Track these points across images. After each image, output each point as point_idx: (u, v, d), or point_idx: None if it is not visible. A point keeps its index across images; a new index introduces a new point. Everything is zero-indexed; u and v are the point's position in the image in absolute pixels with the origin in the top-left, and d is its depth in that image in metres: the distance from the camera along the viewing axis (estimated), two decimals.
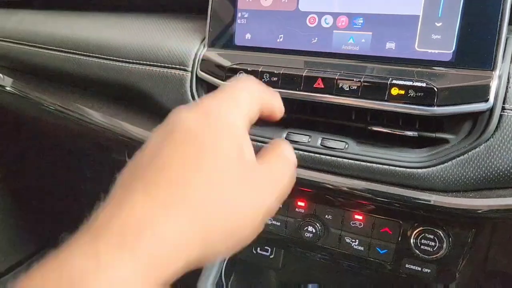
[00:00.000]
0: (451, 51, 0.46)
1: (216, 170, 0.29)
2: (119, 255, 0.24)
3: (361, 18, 0.50)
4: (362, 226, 0.53)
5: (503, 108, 0.44)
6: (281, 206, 0.57)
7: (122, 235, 0.25)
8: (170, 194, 0.27)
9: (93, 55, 0.70)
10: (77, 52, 0.72)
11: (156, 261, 0.25)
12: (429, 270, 0.50)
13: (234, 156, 0.31)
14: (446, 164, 0.47)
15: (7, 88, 0.85)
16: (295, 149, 0.53)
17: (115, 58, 0.67)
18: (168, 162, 0.29)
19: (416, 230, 0.50)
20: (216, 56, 0.59)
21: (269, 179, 0.33)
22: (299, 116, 0.55)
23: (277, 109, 0.38)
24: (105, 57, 0.69)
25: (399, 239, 0.51)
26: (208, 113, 0.32)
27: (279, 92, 0.52)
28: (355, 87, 0.49)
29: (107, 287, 0.23)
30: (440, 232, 0.48)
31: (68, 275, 0.23)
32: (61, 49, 0.74)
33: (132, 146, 0.68)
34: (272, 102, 0.37)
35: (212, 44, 0.60)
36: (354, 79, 0.49)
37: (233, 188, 0.30)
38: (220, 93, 0.34)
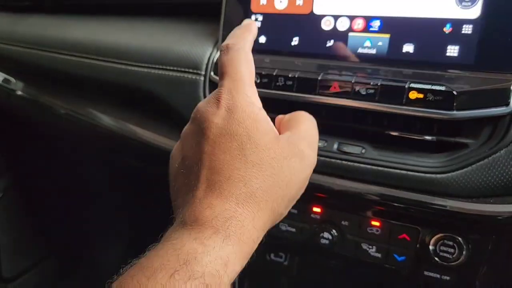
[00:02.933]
0: (472, 54, 0.45)
1: (260, 156, 0.36)
2: (217, 239, 0.32)
3: (379, 21, 0.50)
4: (379, 232, 0.52)
5: None
6: (296, 212, 0.57)
7: (214, 227, 0.33)
8: (235, 190, 0.35)
9: (105, 59, 0.70)
10: (89, 56, 0.72)
11: (241, 240, 0.33)
12: (448, 278, 0.49)
13: (270, 137, 0.37)
14: (465, 169, 0.46)
15: (18, 93, 0.85)
16: None
17: (127, 62, 0.67)
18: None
19: (435, 237, 0.49)
20: None
21: (304, 142, 0.40)
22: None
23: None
24: (118, 61, 0.68)
25: (418, 245, 0.50)
26: (230, 109, 0.37)
27: (294, 95, 0.52)
28: (372, 91, 0.48)
29: (213, 262, 0.31)
30: (460, 239, 0.47)
31: (183, 257, 0.30)
32: (73, 53, 0.74)
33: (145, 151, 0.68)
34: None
35: None
36: (371, 83, 0.48)
37: (281, 163, 0.37)
38: (226, 83, 0.39)
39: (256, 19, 0.57)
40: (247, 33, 0.44)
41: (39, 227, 1.16)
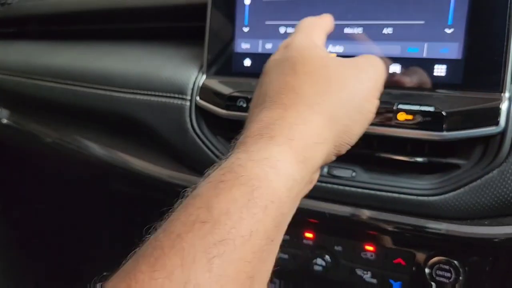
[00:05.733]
0: (459, 73, 0.45)
1: (311, 64, 0.37)
2: (260, 142, 0.32)
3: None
4: (373, 257, 0.51)
5: None
6: (288, 237, 0.55)
7: (259, 134, 0.33)
8: (283, 99, 0.35)
9: (90, 85, 0.69)
10: (73, 83, 0.71)
11: (291, 140, 0.32)
12: None
13: (324, 54, 0.39)
14: (458, 191, 0.45)
15: (4, 121, 0.84)
16: None
17: (112, 88, 0.66)
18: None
19: (431, 261, 0.47)
20: (215, 83, 0.57)
21: (367, 66, 0.39)
22: None
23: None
24: (102, 87, 0.67)
25: (413, 269, 0.49)
26: (287, 45, 0.40)
27: None
28: None
29: (257, 165, 0.30)
30: (456, 262, 0.46)
31: (227, 168, 0.30)
32: (57, 80, 0.73)
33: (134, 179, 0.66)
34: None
35: (210, 72, 0.58)
36: None
37: (349, 92, 0.37)
38: (307, 29, 0.42)
39: (241, 43, 0.56)
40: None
41: (31, 253, 1.14)
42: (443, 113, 0.44)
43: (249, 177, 0.29)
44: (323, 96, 0.36)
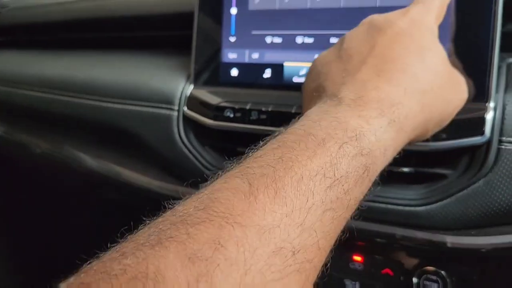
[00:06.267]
0: None
1: (438, 65, 0.36)
2: (382, 121, 0.31)
3: None
4: (361, 267, 0.50)
5: (500, 141, 0.42)
6: None
7: (380, 108, 0.31)
8: (405, 82, 0.33)
9: (79, 95, 0.69)
10: (62, 93, 0.71)
11: (402, 129, 0.32)
12: None
13: (442, 57, 0.37)
14: (445, 201, 0.45)
15: None
16: None
17: (100, 98, 0.66)
18: (395, 55, 0.34)
19: (418, 271, 0.47)
20: (203, 93, 0.57)
21: (459, 82, 0.39)
22: None
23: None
24: (91, 97, 0.67)
25: (401, 279, 0.49)
26: (414, 21, 0.36)
27: (269, 130, 0.51)
28: None
29: (377, 143, 0.30)
30: (443, 273, 0.46)
31: (351, 131, 0.29)
32: (46, 90, 0.73)
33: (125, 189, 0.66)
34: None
35: (198, 82, 0.58)
36: None
37: (446, 86, 0.37)
38: (419, 4, 0.38)
39: (228, 52, 0.56)
40: None
41: (21, 262, 1.13)
42: None
43: (370, 150, 0.30)
44: (438, 100, 0.36)
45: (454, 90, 0.39)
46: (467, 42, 0.44)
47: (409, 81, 0.34)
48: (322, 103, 0.33)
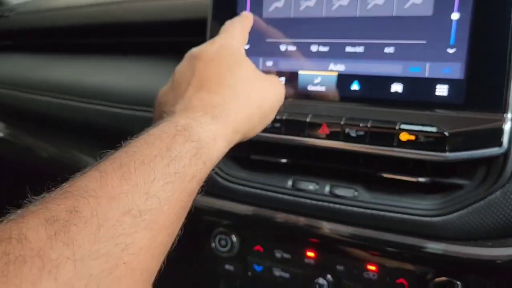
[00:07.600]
0: (461, 93, 0.45)
1: (243, 80, 0.44)
2: (206, 117, 0.39)
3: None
4: (375, 277, 0.50)
5: None
6: (289, 256, 0.55)
7: (204, 110, 0.39)
8: (223, 91, 0.42)
9: (88, 100, 0.68)
10: (70, 98, 0.70)
11: (227, 122, 0.40)
12: None
13: (250, 68, 0.45)
14: (461, 211, 0.45)
15: (0, 135, 0.83)
16: (301, 197, 0.51)
17: (110, 104, 0.66)
18: (211, 74, 0.43)
19: (433, 281, 0.47)
20: None
21: (271, 83, 0.48)
22: (305, 162, 0.53)
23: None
24: (100, 102, 0.67)
25: None
26: (222, 46, 0.46)
27: (283, 138, 0.51)
28: (363, 133, 0.47)
29: (204, 133, 0.37)
30: (459, 283, 0.46)
31: (181, 127, 0.36)
32: (54, 94, 0.73)
33: None
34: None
35: None
36: (361, 124, 0.47)
37: (258, 88, 0.45)
38: (224, 33, 0.49)
39: None
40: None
41: None
42: (446, 133, 0.44)
43: (199, 138, 0.36)
44: (251, 99, 0.43)
45: (268, 90, 0.47)
46: (485, 54, 0.44)
47: (225, 90, 0.42)
48: (161, 120, 0.40)
